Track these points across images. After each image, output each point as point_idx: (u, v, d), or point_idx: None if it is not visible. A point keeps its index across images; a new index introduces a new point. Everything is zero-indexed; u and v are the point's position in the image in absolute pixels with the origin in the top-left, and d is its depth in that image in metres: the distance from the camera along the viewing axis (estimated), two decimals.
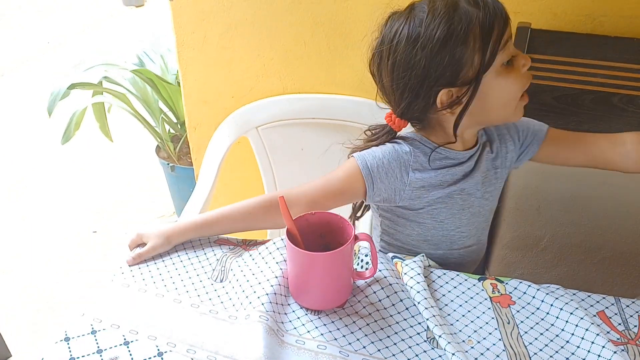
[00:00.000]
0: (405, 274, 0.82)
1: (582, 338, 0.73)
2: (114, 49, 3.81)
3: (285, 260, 0.84)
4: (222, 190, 1.43)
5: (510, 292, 0.82)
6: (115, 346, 0.71)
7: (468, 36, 0.76)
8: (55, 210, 2.43)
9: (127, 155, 2.80)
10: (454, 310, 0.79)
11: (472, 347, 0.72)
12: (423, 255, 0.88)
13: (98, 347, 0.71)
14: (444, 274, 0.86)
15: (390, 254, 0.89)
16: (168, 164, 2.16)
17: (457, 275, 0.85)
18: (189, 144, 1.59)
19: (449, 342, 0.71)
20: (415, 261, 0.85)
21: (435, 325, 0.73)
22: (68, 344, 0.71)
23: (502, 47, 0.78)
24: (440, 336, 0.72)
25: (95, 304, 0.77)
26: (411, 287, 0.79)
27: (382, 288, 0.81)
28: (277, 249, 0.86)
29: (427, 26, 0.77)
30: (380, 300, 0.80)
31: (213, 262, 0.86)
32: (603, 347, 0.71)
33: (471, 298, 0.81)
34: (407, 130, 0.91)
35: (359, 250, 0.87)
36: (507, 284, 0.83)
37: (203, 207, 1.30)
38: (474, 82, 0.78)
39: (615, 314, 0.78)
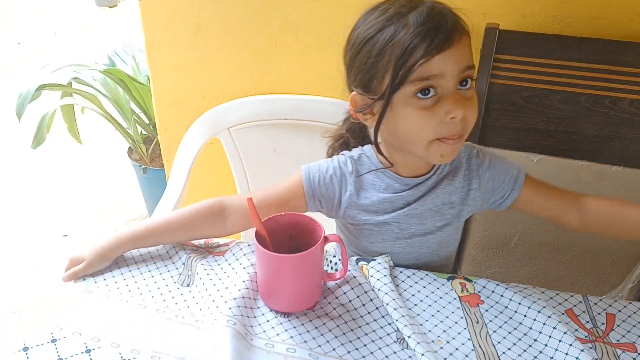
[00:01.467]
0: (371, 276, 0.81)
1: (550, 336, 0.73)
2: (86, 49, 3.75)
3: (252, 265, 0.83)
4: (194, 192, 1.40)
5: (479, 291, 0.82)
6: (77, 354, 0.68)
7: (385, 50, 0.73)
8: (25, 213, 2.38)
9: (98, 157, 2.75)
10: (424, 310, 0.78)
11: (442, 347, 0.72)
12: (387, 256, 0.87)
13: (58, 356, 0.68)
14: (413, 274, 0.85)
15: (354, 257, 0.88)
16: (140, 165, 2.12)
17: (427, 275, 0.85)
18: (160, 145, 1.56)
19: (418, 343, 0.70)
20: (380, 262, 0.84)
21: (405, 326, 0.73)
22: (27, 353, 0.69)
23: (416, 79, 0.72)
24: (409, 337, 0.71)
25: (55, 312, 0.75)
26: (379, 289, 0.79)
27: (352, 288, 0.81)
28: (245, 254, 0.85)
29: (364, 21, 0.77)
30: (350, 301, 0.79)
31: (179, 266, 0.85)
32: (570, 345, 0.71)
33: (440, 298, 0.81)
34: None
35: (326, 252, 0.86)
36: (475, 283, 0.83)
37: (174, 209, 1.28)
38: (384, 99, 0.75)
39: (583, 311, 0.79)
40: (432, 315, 0.78)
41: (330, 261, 0.86)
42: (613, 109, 1.09)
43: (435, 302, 0.80)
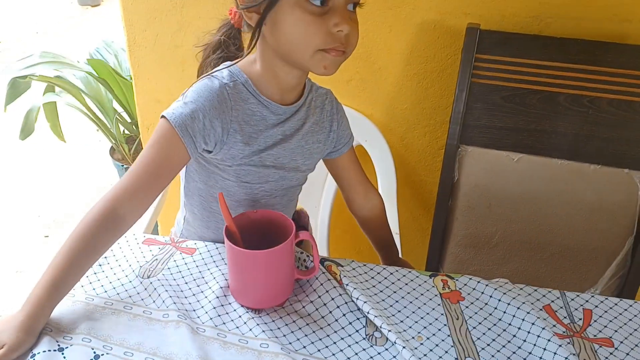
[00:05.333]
0: (344, 276, 0.81)
1: (529, 332, 0.74)
2: (68, 48, 3.71)
3: (218, 266, 0.83)
4: (176, 191, 1.39)
5: (460, 288, 0.83)
6: (50, 350, 0.68)
7: None
8: (5, 213, 2.34)
9: (80, 157, 2.72)
10: (404, 307, 0.79)
11: (422, 344, 0.73)
12: (353, 261, 0.87)
13: (31, 352, 0.67)
14: (396, 270, 0.86)
15: (319, 257, 0.85)
16: (122, 165, 2.11)
17: (409, 272, 0.86)
18: (142, 144, 1.55)
19: (397, 337, 0.71)
20: (350, 263, 0.85)
21: (378, 319, 0.74)
22: None
23: None
24: (389, 331, 0.72)
25: None
26: (347, 285, 0.79)
27: (322, 284, 0.80)
28: (211, 256, 0.86)
29: None
30: (320, 297, 0.79)
31: (143, 263, 0.84)
32: (549, 340, 0.72)
33: (421, 294, 0.81)
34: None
35: (300, 251, 0.86)
36: (457, 280, 0.84)
37: (156, 208, 1.27)
38: None
39: (561, 307, 0.80)
40: (413, 312, 0.78)
41: (302, 259, 0.85)
42: (592, 108, 1.11)
43: (417, 298, 0.80)
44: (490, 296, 0.80)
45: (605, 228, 1.17)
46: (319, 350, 0.71)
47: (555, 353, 0.70)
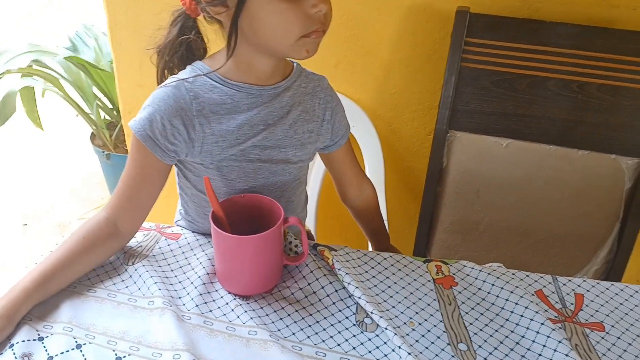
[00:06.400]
0: (336, 261, 0.79)
1: (521, 316, 0.73)
2: (48, 33, 3.62)
3: (204, 251, 0.81)
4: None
5: (454, 274, 0.82)
6: (29, 340, 0.65)
7: None
8: None
9: (59, 143, 2.66)
10: (397, 292, 0.78)
11: (414, 329, 0.72)
12: (347, 247, 0.86)
13: (10, 342, 0.65)
14: (390, 256, 0.85)
15: (312, 243, 0.85)
16: (103, 152, 2.07)
17: (403, 257, 0.85)
18: (124, 129, 1.52)
19: (388, 323, 0.70)
20: (343, 248, 0.84)
21: (369, 305, 0.72)
22: None
23: None
24: (381, 317, 0.71)
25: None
26: (339, 269, 0.78)
27: (312, 271, 0.79)
28: (197, 240, 0.84)
29: None
30: (309, 284, 0.77)
31: (127, 249, 0.82)
32: (542, 324, 0.71)
33: (414, 280, 0.80)
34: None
35: (287, 233, 0.83)
36: (451, 265, 0.83)
37: None
38: None
39: (553, 292, 0.80)
40: (406, 297, 0.77)
41: (291, 242, 0.83)
42: (581, 93, 1.10)
43: (409, 284, 0.79)
44: (484, 281, 0.79)
45: (592, 213, 1.17)
46: (308, 337, 0.70)
47: (548, 337, 0.70)
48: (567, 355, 0.67)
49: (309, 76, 0.87)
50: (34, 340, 0.66)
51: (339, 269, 0.77)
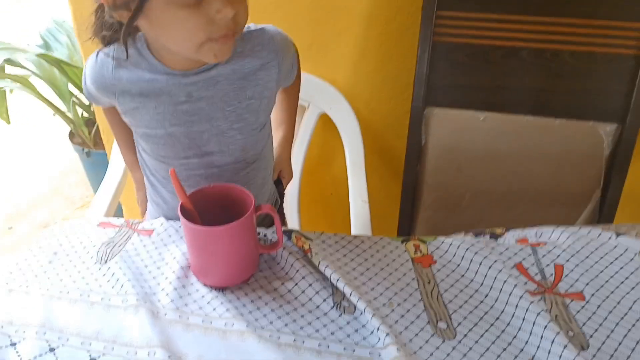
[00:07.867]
0: (313, 248, 0.78)
1: (501, 290, 0.73)
2: (18, 30, 3.55)
3: (178, 246, 0.80)
4: None
5: (432, 252, 0.81)
6: (0, 347, 0.64)
7: None
8: None
9: (39, 142, 2.62)
10: (375, 275, 0.77)
11: (393, 310, 0.71)
12: (323, 233, 0.84)
13: None
14: (368, 238, 0.84)
15: (284, 228, 0.82)
16: (83, 149, 2.04)
17: (380, 239, 0.84)
18: (99, 125, 1.49)
19: (366, 305, 0.69)
20: (320, 236, 0.83)
21: (347, 287, 0.71)
22: None
23: None
24: (359, 299, 0.70)
25: None
26: (315, 254, 0.77)
27: (287, 258, 0.77)
28: (170, 236, 0.83)
29: None
30: (286, 273, 0.76)
31: (99, 247, 0.81)
32: (520, 297, 0.71)
33: (393, 260, 0.79)
34: None
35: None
36: (429, 243, 0.83)
37: (116, 190, 1.22)
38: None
39: (532, 264, 0.79)
40: (384, 279, 0.76)
41: (265, 234, 0.82)
42: (554, 61, 1.09)
43: (388, 265, 0.79)
44: (462, 257, 0.79)
45: (573, 181, 1.17)
46: (286, 325, 0.69)
47: (526, 310, 0.69)
48: (546, 326, 0.67)
49: (244, 37, 0.80)
50: (7, 346, 0.65)
51: (316, 253, 0.76)
